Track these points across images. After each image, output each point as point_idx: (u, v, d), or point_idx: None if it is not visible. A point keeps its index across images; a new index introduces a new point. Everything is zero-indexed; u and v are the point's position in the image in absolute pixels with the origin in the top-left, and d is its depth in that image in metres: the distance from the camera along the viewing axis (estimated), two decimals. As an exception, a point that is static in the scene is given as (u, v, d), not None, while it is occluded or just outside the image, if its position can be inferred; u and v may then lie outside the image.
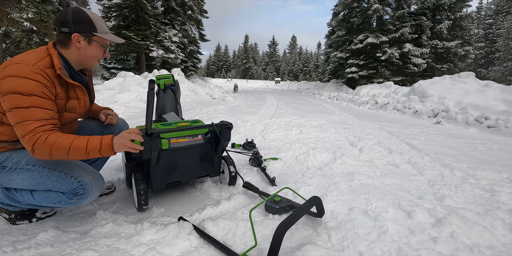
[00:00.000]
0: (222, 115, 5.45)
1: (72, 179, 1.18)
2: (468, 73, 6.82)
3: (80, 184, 1.18)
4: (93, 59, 1.28)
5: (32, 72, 1.08)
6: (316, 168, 2.19)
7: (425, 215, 1.43)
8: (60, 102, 1.22)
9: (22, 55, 1.14)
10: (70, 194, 1.18)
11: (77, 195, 1.19)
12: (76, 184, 1.18)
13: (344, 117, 5.69)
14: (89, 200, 1.23)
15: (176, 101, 2.10)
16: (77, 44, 1.20)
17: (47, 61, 1.16)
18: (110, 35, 1.28)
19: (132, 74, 8.99)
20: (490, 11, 37.06)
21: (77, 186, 1.18)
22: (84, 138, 1.13)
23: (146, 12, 14.13)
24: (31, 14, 8.63)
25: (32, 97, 1.08)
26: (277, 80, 45.87)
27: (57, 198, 1.19)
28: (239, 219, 1.33)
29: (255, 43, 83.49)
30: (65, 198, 1.19)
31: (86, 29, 1.19)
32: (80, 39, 1.19)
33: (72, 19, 1.16)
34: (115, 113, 1.62)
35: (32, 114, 1.08)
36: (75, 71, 1.29)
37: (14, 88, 1.05)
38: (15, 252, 1.07)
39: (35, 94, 1.08)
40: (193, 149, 1.54)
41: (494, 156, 2.80)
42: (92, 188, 1.21)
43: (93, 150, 1.12)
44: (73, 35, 1.17)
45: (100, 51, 1.28)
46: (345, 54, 16.20)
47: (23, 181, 1.18)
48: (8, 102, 1.06)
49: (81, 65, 1.30)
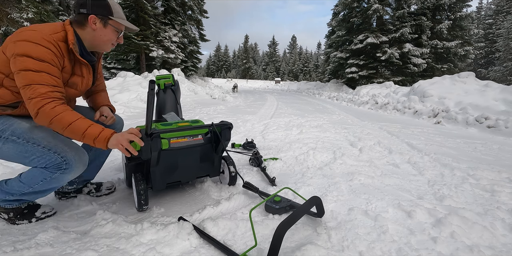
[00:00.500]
0: (222, 115, 5.45)
1: (56, 155, 1.19)
2: (468, 73, 6.82)
3: (63, 159, 1.19)
4: (106, 42, 1.33)
5: (45, 40, 1.12)
6: (316, 168, 2.19)
7: (425, 215, 1.43)
8: (65, 75, 1.24)
9: (40, 25, 1.19)
10: (53, 168, 1.20)
11: (60, 169, 1.20)
12: (60, 159, 1.19)
13: (344, 117, 5.69)
14: (72, 175, 1.24)
15: (176, 101, 2.10)
16: (93, 26, 1.25)
17: (62, 35, 1.20)
18: (126, 21, 1.33)
19: (132, 74, 8.99)
20: (490, 11, 37.06)
21: (60, 161, 1.20)
22: (87, 122, 1.15)
23: (146, 12, 14.13)
24: (31, 14, 8.63)
25: (43, 63, 1.11)
26: (277, 80, 45.88)
27: (41, 175, 1.20)
28: (239, 219, 1.33)
29: (255, 43, 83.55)
30: (49, 172, 1.20)
31: (103, 12, 1.24)
32: (96, 21, 1.25)
33: (91, 2, 1.22)
34: (111, 115, 1.54)
35: (43, 79, 1.10)
36: (86, 50, 1.33)
37: (27, 52, 1.08)
38: (15, 252, 1.07)
39: (46, 61, 1.11)
40: (193, 149, 1.54)
41: (494, 156, 2.80)
42: (76, 163, 1.22)
43: (89, 136, 1.13)
44: (90, 16, 1.22)
45: (114, 35, 1.33)
46: (345, 54, 16.20)
47: (9, 151, 1.19)
48: (20, 63, 1.08)
49: (93, 47, 1.34)
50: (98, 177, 1.91)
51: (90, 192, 1.67)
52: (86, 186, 1.68)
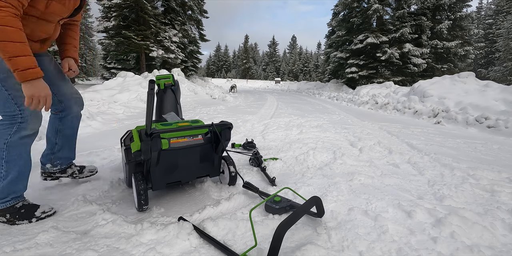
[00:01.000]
0: (222, 115, 5.45)
1: (15, 106, 1.24)
2: (468, 73, 6.82)
3: (20, 112, 1.25)
4: None
5: None
6: (316, 168, 2.19)
7: (425, 215, 1.43)
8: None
9: None
10: (8, 119, 1.26)
11: (15, 123, 1.26)
12: (17, 111, 1.24)
13: (344, 117, 5.69)
14: (28, 131, 1.30)
15: (176, 101, 2.10)
16: None
17: None
18: None
19: (132, 74, 8.99)
20: (490, 11, 37.05)
21: (17, 113, 1.24)
22: (26, 51, 1.12)
23: (146, 12, 14.14)
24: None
25: None
26: (277, 80, 45.86)
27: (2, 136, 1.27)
28: (239, 219, 1.33)
29: (255, 43, 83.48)
30: (6, 128, 1.26)
31: None
32: None
33: None
34: (77, 70, 1.65)
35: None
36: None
37: None
38: (15, 252, 1.07)
39: None
40: (193, 149, 1.54)
41: (494, 156, 2.80)
42: (31, 118, 1.28)
43: (16, 63, 1.11)
44: None
45: None
46: (345, 54, 16.19)
47: None
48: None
49: None
50: (99, 177, 1.91)
51: (73, 173, 1.76)
52: (70, 167, 1.76)
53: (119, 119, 4.82)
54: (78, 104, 1.69)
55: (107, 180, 1.84)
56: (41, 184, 1.78)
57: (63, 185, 1.79)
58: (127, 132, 1.78)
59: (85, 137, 3.38)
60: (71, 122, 1.68)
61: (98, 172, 1.90)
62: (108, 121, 4.46)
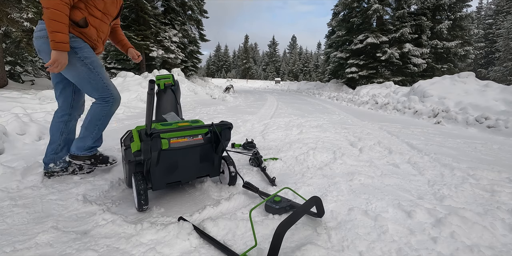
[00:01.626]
0: (222, 115, 5.45)
1: (107, 90, 1.79)
2: (468, 73, 6.82)
3: (110, 93, 1.81)
4: None
5: None
6: (316, 168, 2.19)
7: (425, 215, 1.43)
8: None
9: None
10: (101, 100, 1.79)
11: (108, 102, 1.81)
12: (109, 94, 1.80)
13: (344, 117, 5.69)
14: (115, 108, 1.87)
15: (176, 101, 2.10)
16: None
17: None
18: None
19: (132, 74, 8.99)
20: (490, 11, 37.06)
21: (109, 95, 1.80)
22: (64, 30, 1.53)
23: (146, 12, 14.14)
24: (31, 14, 8.63)
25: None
26: (277, 80, 45.87)
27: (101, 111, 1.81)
28: (239, 219, 1.33)
29: (255, 43, 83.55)
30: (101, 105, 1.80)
31: None
32: None
33: None
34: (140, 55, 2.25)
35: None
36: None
37: None
38: (15, 252, 1.07)
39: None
40: (193, 149, 1.54)
41: (494, 156, 2.80)
42: (117, 98, 1.86)
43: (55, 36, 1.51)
44: None
45: None
46: (345, 54, 16.19)
47: (83, 72, 1.71)
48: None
49: None
50: (99, 177, 1.91)
51: (74, 171, 1.96)
52: (70, 165, 1.96)
53: (119, 119, 4.82)
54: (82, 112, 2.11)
55: (107, 180, 1.84)
56: (41, 184, 1.77)
57: (63, 185, 1.79)
58: (127, 132, 1.78)
59: (85, 137, 3.38)
60: (74, 126, 2.00)
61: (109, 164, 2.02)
62: (108, 121, 4.46)
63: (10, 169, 1.87)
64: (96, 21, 1.76)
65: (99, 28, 1.81)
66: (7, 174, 1.81)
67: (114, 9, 1.84)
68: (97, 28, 1.79)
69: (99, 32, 1.82)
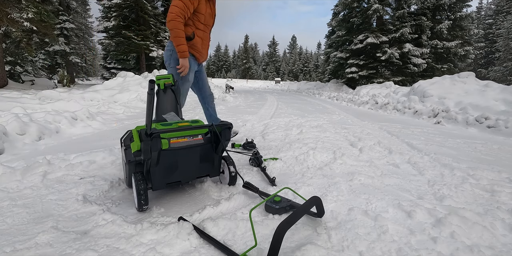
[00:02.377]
0: (222, 115, 5.45)
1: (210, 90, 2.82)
2: (468, 73, 6.82)
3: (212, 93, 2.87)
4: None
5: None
6: (316, 168, 2.19)
7: (425, 215, 1.43)
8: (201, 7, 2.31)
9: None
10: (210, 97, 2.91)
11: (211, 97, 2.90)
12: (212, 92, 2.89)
13: (344, 117, 5.69)
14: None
15: (176, 101, 2.10)
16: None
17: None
18: None
19: (132, 74, 8.99)
20: (490, 11, 37.06)
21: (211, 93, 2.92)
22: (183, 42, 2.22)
23: (146, 12, 14.14)
24: (31, 14, 8.62)
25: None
26: (277, 80, 45.85)
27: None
28: (239, 219, 1.33)
29: (255, 43, 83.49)
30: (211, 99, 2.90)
31: None
32: None
33: None
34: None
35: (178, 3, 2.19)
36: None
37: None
38: (15, 252, 1.07)
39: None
40: (193, 149, 1.54)
41: (494, 156, 2.80)
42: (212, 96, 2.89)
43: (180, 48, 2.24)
44: None
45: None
46: (345, 54, 16.19)
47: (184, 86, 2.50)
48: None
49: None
50: (99, 177, 1.91)
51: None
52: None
53: (119, 119, 4.82)
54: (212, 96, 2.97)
55: (107, 180, 1.84)
56: (41, 184, 1.78)
57: (63, 185, 1.79)
58: (127, 132, 1.78)
59: (85, 137, 3.38)
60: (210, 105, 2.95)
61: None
62: (108, 121, 4.46)
63: (10, 169, 1.87)
64: (200, 33, 2.37)
65: (203, 38, 2.41)
66: (7, 174, 1.82)
67: (211, 20, 2.38)
68: (202, 38, 2.40)
69: (203, 41, 2.42)
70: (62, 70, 15.51)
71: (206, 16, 2.32)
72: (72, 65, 19.03)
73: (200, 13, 2.30)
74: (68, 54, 17.89)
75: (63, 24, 17.66)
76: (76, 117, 3.92)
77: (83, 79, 23.47)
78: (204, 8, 2.30)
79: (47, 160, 2.07)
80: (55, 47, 17.03)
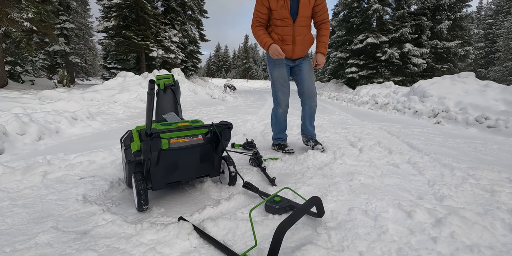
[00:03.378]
0: (222, 115, 5.45)
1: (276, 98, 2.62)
2: (468, 73, 6.81)
3: (278, 100, 2.60)
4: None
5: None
6: (316, 168, 2.19)
7: (425, 215, 1.43)
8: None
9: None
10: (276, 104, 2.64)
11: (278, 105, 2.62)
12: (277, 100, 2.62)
13: (344, 117, 5.69)
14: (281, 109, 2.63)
15: (176, 101, 2.10)
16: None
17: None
18: None
19: (132, 74, 8.99)
20: (490, 11, 37.06)
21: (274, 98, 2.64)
22: (265, 39, 2.35)
23: (146, 12, 14.14)
24: (31, 14, 8.62)
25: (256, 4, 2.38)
26: (277, 80, 45.70)
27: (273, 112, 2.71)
28: (239, 219, 1.33)
29: (255, 43, 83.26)
30: (276, 107, 2.65)
31: None
32: None
33: None
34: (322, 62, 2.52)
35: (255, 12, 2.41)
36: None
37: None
38: (15, 252, 1.07)
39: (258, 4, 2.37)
40: (193, 149, 1.54)
41: (494, 156, 2.79)
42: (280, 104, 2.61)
43: (263, 44, 2.37)
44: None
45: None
46: (345, 54, 16.20)
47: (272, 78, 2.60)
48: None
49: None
50: (99, 177, 1.91)
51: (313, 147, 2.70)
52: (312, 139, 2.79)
53: (119, 119, 4.82)
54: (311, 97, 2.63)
55: (107, 180, 1.84)
56: (41, 184, 1.78)
57: (63, 185, 1.79)
58: (127, 132, 1.78)
59: (85, 137, 3.38)
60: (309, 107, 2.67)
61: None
62: (108, 121, 4.46)
63: (10, 169, 1.87)
64: (278, 29, 2.38)
65: (282, 33, 2.38)
66: (7, 174, 1.82)
67: (285, 12, 2.29)
68: (280, 34, 2.39)
69: (283, 36, 2.39)
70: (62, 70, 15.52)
71: (279, 10, 2.28)
72: (72, 65, 19.04)
73: (273, 9, 2.32)
74: (68, 54, 17.89)
75: (63, 24, 17.67)
76: (76, 117, 3.92)
77: (83, 79, 23.50)
78: (274, 4, 2.29)
79: (47, 160, 2.07)
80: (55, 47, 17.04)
